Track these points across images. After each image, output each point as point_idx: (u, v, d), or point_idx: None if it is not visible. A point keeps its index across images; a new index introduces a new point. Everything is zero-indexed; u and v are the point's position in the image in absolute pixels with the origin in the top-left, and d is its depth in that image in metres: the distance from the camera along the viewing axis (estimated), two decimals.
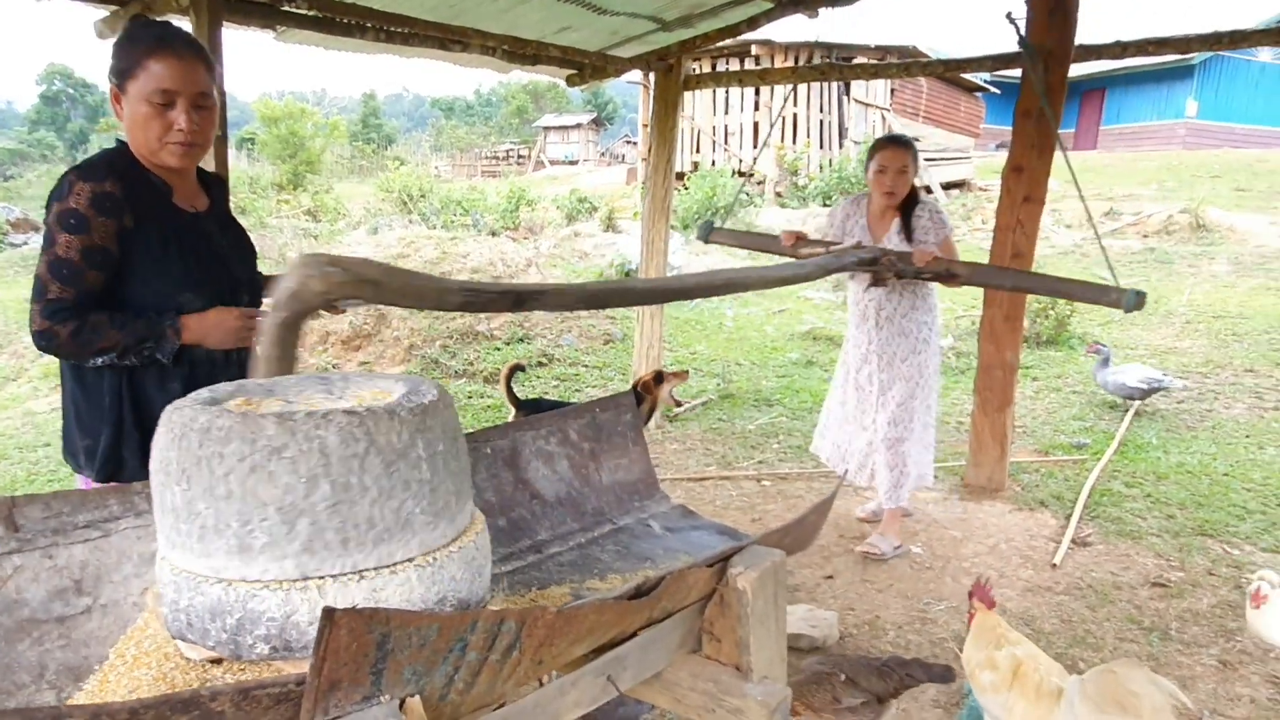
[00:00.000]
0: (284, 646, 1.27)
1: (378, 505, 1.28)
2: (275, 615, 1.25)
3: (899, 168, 3.35)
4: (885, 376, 3.52)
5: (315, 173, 18.62)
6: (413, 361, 6.08)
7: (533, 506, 2.35)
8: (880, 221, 3.47)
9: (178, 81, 1.73)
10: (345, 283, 1.53)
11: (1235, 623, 3.08)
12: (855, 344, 3.62)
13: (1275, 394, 5.87)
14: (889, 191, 3.38)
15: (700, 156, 15.13)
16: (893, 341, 3.50)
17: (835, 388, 3.82)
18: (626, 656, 1.67)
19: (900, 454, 3.53)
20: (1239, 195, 13.98)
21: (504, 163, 31.38)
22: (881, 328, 3.51)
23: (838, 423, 3.77)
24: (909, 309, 3.47)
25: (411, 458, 1.32)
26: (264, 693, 1.07)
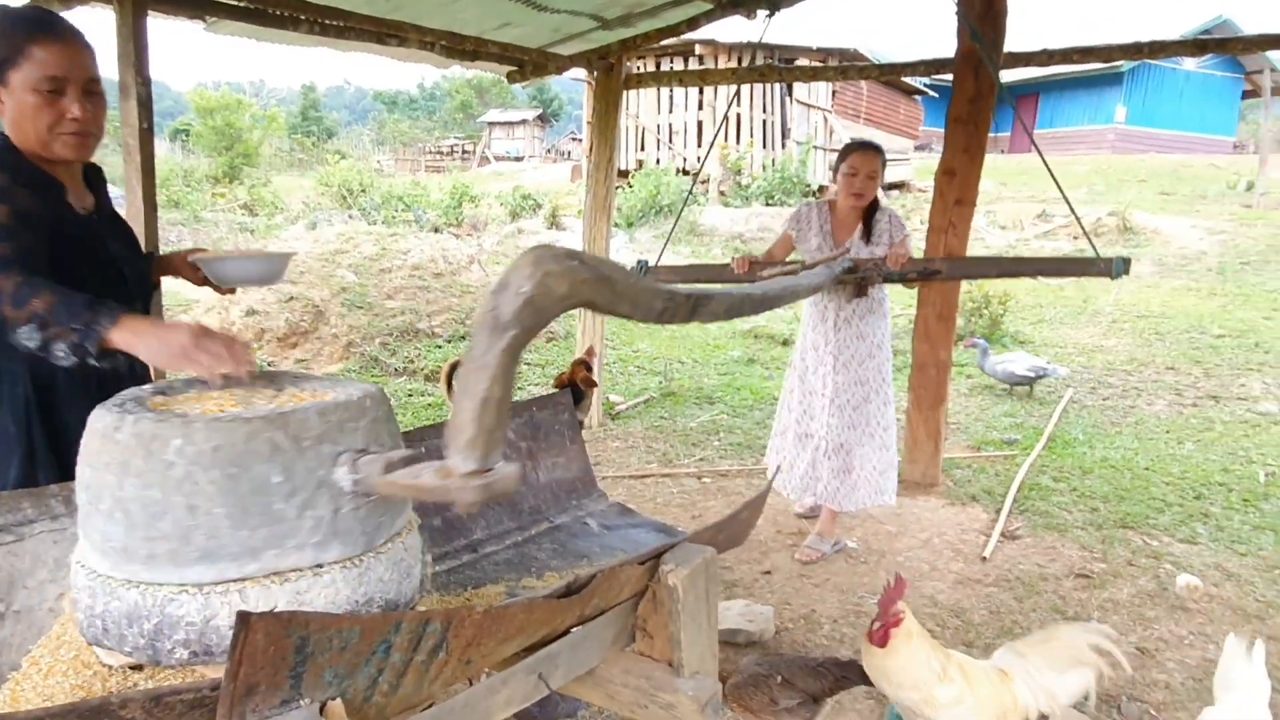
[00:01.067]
0: (204, 651, 1.25)
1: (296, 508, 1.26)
2: (194, 620, 1.23)
3: (869, 172, 3.38)
4: (840, 379, 3.51)
5: (253, 166, 18.20)
6: (351, 359, 5.99)
7: None
8: (844, 226, 3.49)
9: (67, 67, 1.63)
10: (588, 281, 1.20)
11: (1153, 611, 3.20)
12: (812, 345, 3.61)
13: (1194, 391, 6.11)
14: (858, 193, 3.40)
15: (644, 155, 15.17)
16: (850, 344, 3.51)
17: (784, 397, 3.80)
18: (558, 654, 1.67)
19: (850, 459, 3.53)
20: (1164, 199, 14.51)
21: (448, 158, 31.04)
22: (839, 329, 3.51)
23: (785, 440, 3.74)
24: (866, 312, 3.49)
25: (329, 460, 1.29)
26: (177, 699, 1.05)
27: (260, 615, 1.01)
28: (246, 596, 1.25)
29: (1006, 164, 19.24)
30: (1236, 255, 10.70)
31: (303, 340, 6.01)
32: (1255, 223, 12.05)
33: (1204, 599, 2.08)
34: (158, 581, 1.22)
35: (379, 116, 46.15)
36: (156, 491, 1.18)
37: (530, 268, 1.15)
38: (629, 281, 1.35)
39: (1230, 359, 6.87)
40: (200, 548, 1.20)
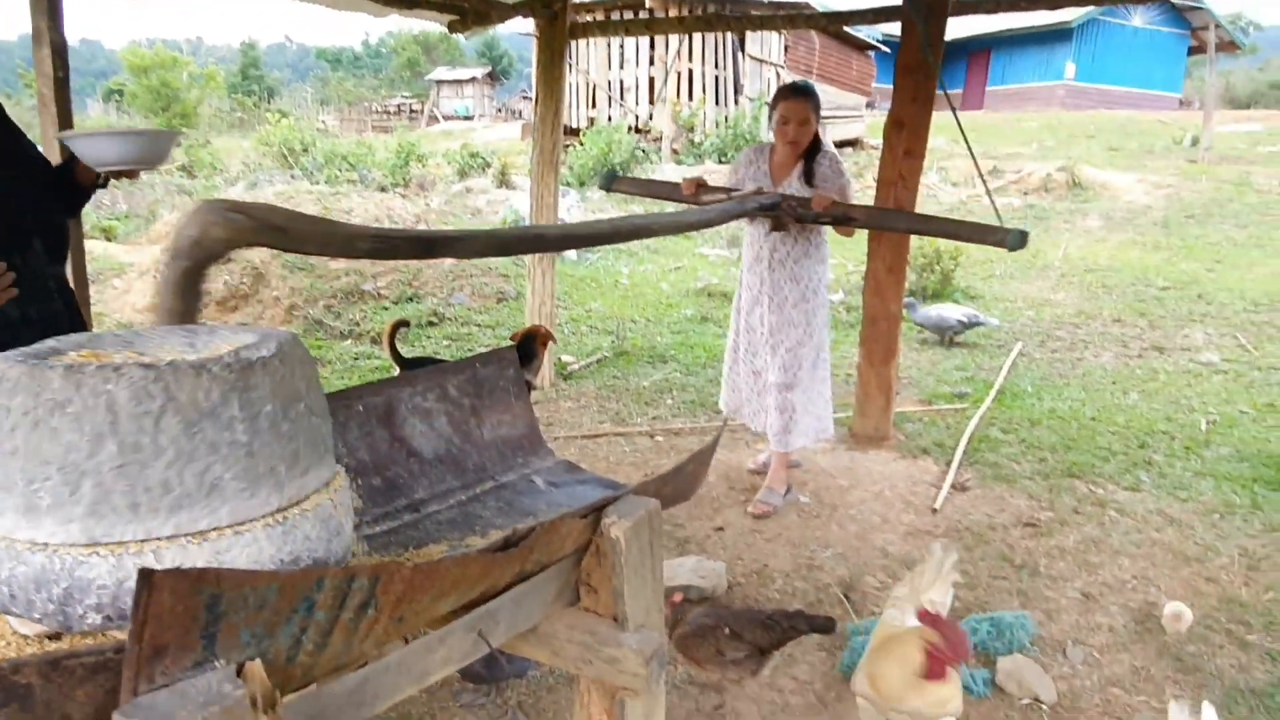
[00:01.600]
0: (119, 615, 1.18)
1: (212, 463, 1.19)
2: (107, 583, 1.15)
3: (801, 118, 3.37)
4: (775, 319, 3.54)
5: (191, 126, 17.59)
6: (294, 323, 5.81)
7: (410, 465, 2.27)
8: (782, 168, 3.50)
9: None
10: (249, 229, 1.46)
11: (1097, 557, 3.24)
12: (748, 285, 3.65)
13: (1139, 342, 6.21)
14: (792, 141, 3.41)
15: (596, 112, 14.93)
16: (784, 285, 3.52)
17: (730, 336, 3.84)
18: (499, 611, 1.62)
19: (789, 400, 3.57)
20: (1111, 154, 14.69)
21: (395, 117, 30.28)
22: (774, 270, 3.52)
23: (735, 373, 3.79)
24: (801, 255, 3.50)
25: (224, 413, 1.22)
26: (77, 662, 1.00)
27: (165, 572, 0.94)
28: (161, 557, 1.19)
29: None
30: (1181, 209, 10.88)
31: (243, 304, 5.82)
32: (1200, 177, 12.27)
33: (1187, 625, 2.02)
34: (66, 544, 1.15)
35: (322, 75, 44.88)
36: (61, 450, 1.10)
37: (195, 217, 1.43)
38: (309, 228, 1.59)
39: (1174, 310, 7.00)
40: (112, 507, 1.13)
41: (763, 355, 3.63)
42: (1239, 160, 13.71)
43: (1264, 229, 9.85)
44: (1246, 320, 6.65)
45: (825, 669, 2.62)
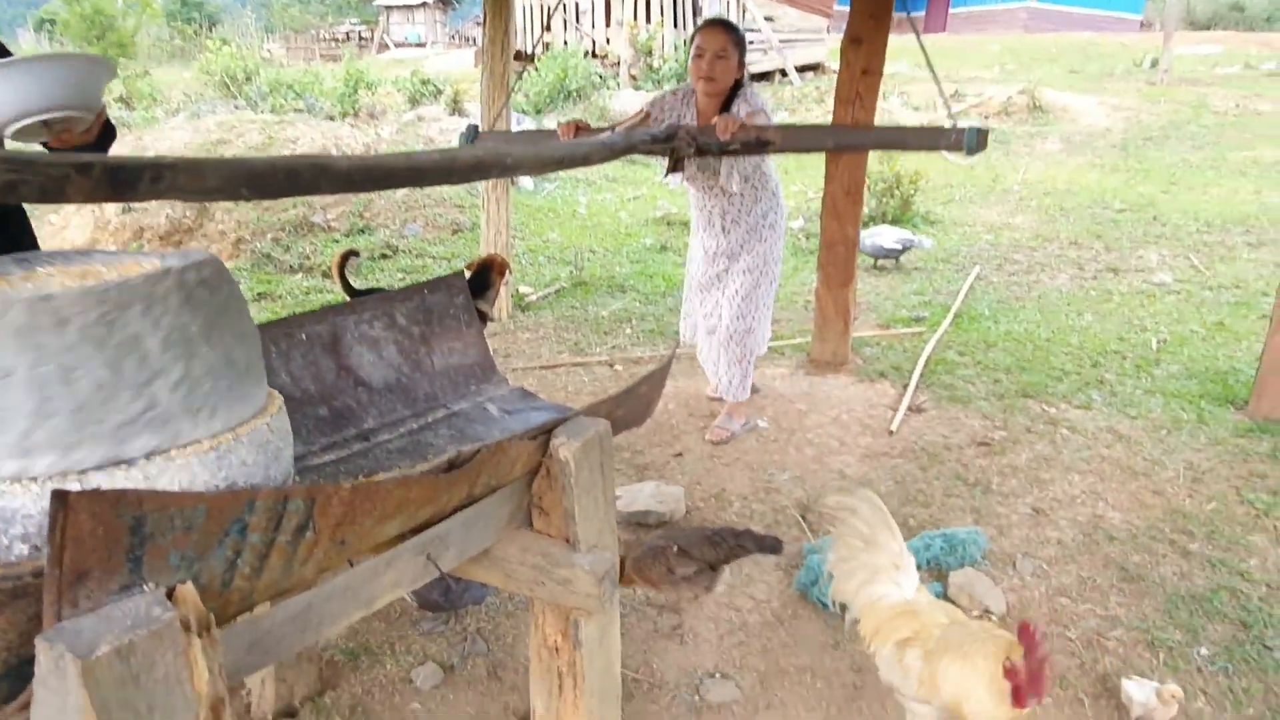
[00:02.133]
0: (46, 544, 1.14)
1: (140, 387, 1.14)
2: (32, 512, 1.11)
3: (717, 50, 3.11)
4: (732, 270, 3.49)
5: (129, 56, 16.82)
6: (242, 257, 5.65)
7: (358, 394, 2.22)
8: (705, 116, 3.24)
9: None
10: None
11: (1048, 474, 3.30)
12: (704, 247, 3.53)
13: (1095, 264, 6.27)
14: (707, 76, 3.14)
15: (551, 37, 14.50)
16: (742, 240, 3.43)
17: (686, 283, 3.78)
18: (448, 534, 1.60)
19: (747, 347, 3.52)
20: (1072, 77, 14.64)
21: (345, 45, 29.22)
22: (729, 232, 3.42)
23: (695, 321, 3.74)
24: (751, 204, 3.38)
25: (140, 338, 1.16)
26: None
27: (81, 494, 0.92)
28: (88, 484, 1.14)
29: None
30: (1140, 131, 10.91)
31: (187, 238, 5.63)
32: (1159, 99, 12.29)
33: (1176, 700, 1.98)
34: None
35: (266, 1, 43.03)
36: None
37: None
38: None
39: (1130, 232, 7.06)
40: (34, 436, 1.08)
41: (717, 313, 3.55)
42: (1197, 82, 13.74)
43: (1219, 150, 9.93)
44: (1199, 241, 6.73)
45: (782, 588, 2.65)
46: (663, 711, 2.16)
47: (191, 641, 1.04)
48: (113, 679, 0.94)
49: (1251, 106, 11.71)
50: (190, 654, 1.03)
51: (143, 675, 0.97)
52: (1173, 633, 2.41)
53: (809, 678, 2.28)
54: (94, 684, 0.92)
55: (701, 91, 3.22)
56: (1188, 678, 2.25)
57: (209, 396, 1.24)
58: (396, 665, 2.31)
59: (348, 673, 2.29)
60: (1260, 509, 3.02)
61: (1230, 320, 4.99)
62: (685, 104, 3.31)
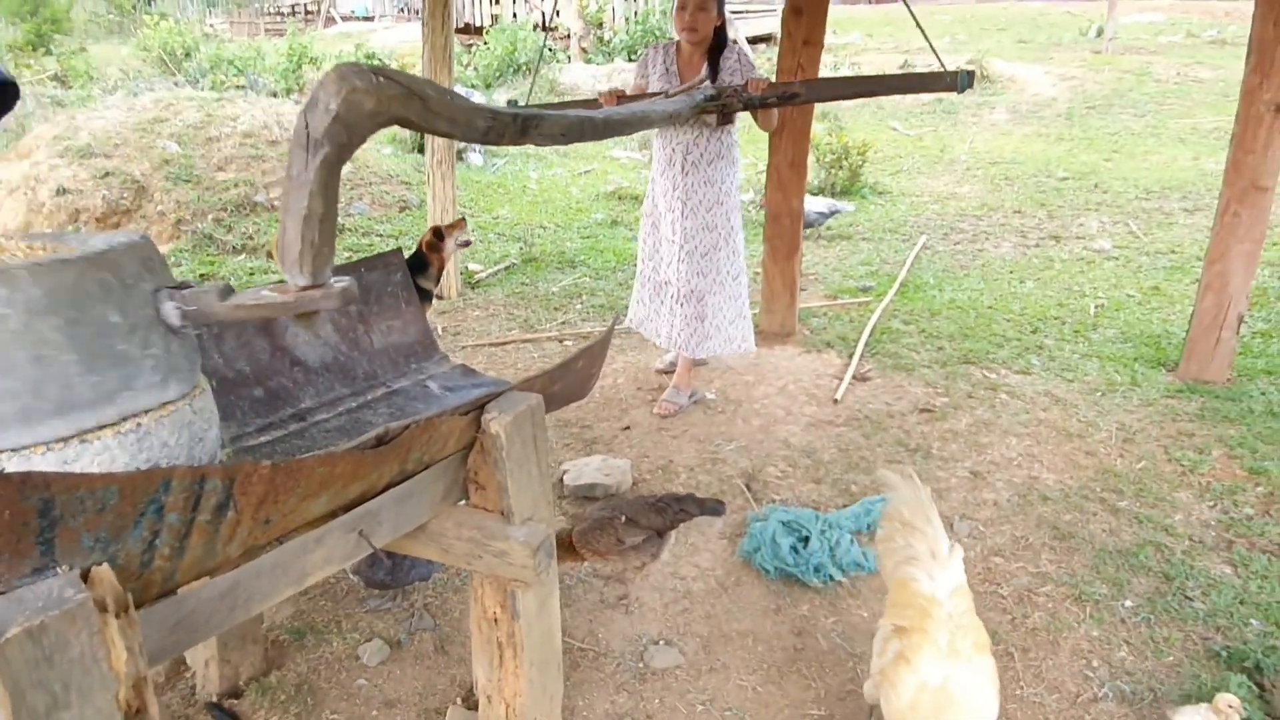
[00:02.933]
0: None
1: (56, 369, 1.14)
2: None
3: (697, 3, 3.26)
4: (689, 224, 3.47)
5: (63, 33, 16.22)
6: (182, 238, 5.53)
7: (294, 374, 2.21)
8: (690, 65, 3.39)
9: None
10: (398, 98, 1.25)
11: (987, 438, 3.38)
12: (661, 191, 3.55)
13: (1038, 232, 6.38)
14: (689, 28, 3.29)
15: (500, 9, 14.30)
16: (698, 189, 3.45)
17: (639, 244, 3.76)
18: (380, 510, 1.60)
19: (702, 306, 3.53)
20: (1020, 47, 14.79)
21: (290, 19, 28.49)
22: (688, 173, 3.44)
23: (642, 285, 3.73)
24: (714, 157, 3.43)
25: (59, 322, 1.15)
26: None
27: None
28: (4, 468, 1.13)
29: (872, 15, 19.17)
30: (1084, 100, 11.08)
31: (125, 220, 5.50)
32: (1103, 68, 12.46)
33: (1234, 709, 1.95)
34: None
35: None
36: None
37: (336, 84, 1.18)
38: (445, 99, 1.38)
39: (1072, 200, 7.19)
40: None
41: (672, 263, 3.54)
42: (1141, 50, 13.95)
43: (1160, 118, 10.13)
44: (1138, 208, 6.88)
45: (726, 556, 2.70)
46: (608, 679, 2.20)
47: (108, 622, 1.04)
48: (24, 659, 0.94)
49: (1192, 74, 11.94)
50: (107, 634, 1.03)
51: (56, 655, 0.97)
52: (1100, 587, 2.50)
53: (750, 642, 2.33)
54: (4, 664, 0.92)
55: (685, 41, 3.38)
56: (1112, 629, 2.34)
57: (126, 380, 1.23)
58: (343, 643, 2.32)
59: (294, 652, 2.29)
60: (1187, 466, 3.13)
61: (1165, 285, 5.13)
62: (665, 53, 3.46)
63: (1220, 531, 2.76)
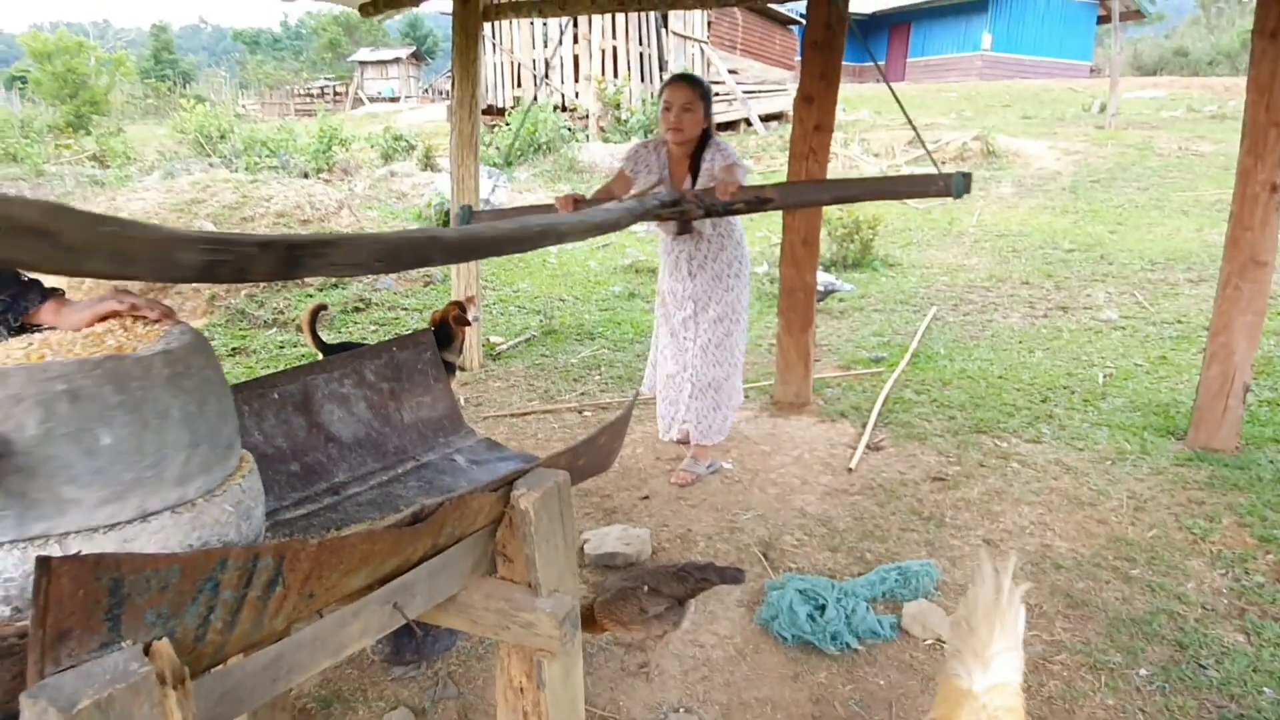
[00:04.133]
0: (29, 606, 1.22)
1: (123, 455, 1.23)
2: (14, 575, 1.19)
3: (683, 103, 3.28)
4: (700, 320, 3.57)
5: (101, 114, 16.93)
6: (216, 313, 5.73)
7: (329, 450, 2.31)
8: (679, 164, 3.43)
9: None
10: None
11: (999, 506, 3.44)
12: (671, 292, 3.62)
13: (1046, 303, 6.50)
14: (675, 127, 3.31)
15: (521, 91, 14.82)
16: (707, 287, 3.53)
17: (654, 333, 3.84)
18: (414, 583, 1.69)
19: (718, 396, 3.62)
20: (1025, 122, 15.14)
21: (319, 100, 29.56)
22: (695, 276, 3.53)
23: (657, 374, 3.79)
24: (718, 251, 3.50)
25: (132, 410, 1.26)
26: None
27: (64, 559, 0.99)
28: (68, 548, 1.22)
29: (881, 92, 19.67)
30: (1088, 174, 11.31)
31: (162, 295, 5.70)
32: (1106, 142, 12.74)
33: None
34: None
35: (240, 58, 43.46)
36: None
37: None
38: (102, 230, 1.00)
39: (1079, 271, 7.32)
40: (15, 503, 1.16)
41: (683, 357, 3.62)
42: (1143, 125, 14.27)
43: (1163, 191, 10.32)
44: (1144, 279, 7.00)
45: (744, 624, 2.75)
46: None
47: (167, 694, 1.12)
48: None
49: (1193, 148, 12.19)
50: (166, 706, 1.11)
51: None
52: (1114, 655, 2.54)
53: (769, 709, 2.37)
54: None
55: (671, 141, 3.40)
56: (1127, 697, 2.37)
57: (189, 461, 1.33)
58: (369, 711, 2.38)
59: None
60: (1198, 534, 3.18)
61: (1172, 354, 5.21)
62: (656, 153, 3.47)
63: (1232, 599, 2.80)
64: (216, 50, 69.85)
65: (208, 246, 1.10)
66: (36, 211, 0.90)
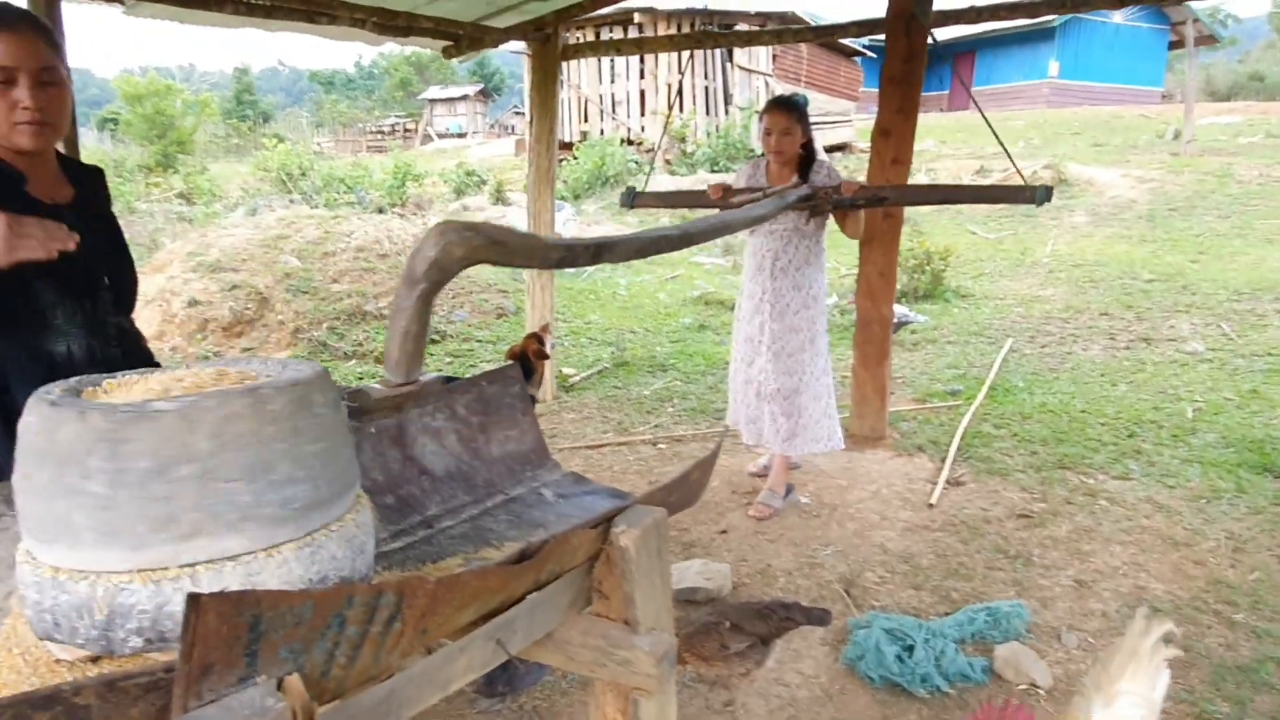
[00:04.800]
0: (159, 638, 1.26)
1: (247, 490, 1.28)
2: (147, 607, 1.22)
3: (782, 129, 3.49)
4: (777, 327, 3.62)
5: (187, 153, 17.68)
6: (299, 345, 5.92)
7: (422, 483, 2.35)
8: (779, 179, 3.61)
9: (16, 57, 1.63)
10: (482, 246, 1.63)
11: (1089, 546, 3.35)
12: (749, 294, 3.73)
13: (1127, 334, 6.33)
14: (776, 151, 3.53)
15: (588, 126, 15.07)
16: (786, 293, 3.61)
17: (733, 348, 3.91)
18: (516, 620, 1.71)
19: (795, 405, 3.65)
20: (1096, 150, 14.83)
21: (390, 137, 30.47)
22: (776, 278, 3.61)
23: (734, 386, 3.86)
24: (803, 263, 3.60)
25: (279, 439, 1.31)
26: (131, 683, 1.06)
27: (211, 596, 1.01)
28: (198, 580, 1.26)
29: (946, 122, 19.50)
30: (1165, 202, 11.01)
31: (248, 329, 5.93)
32: (1183, 170, 12.40)
33: None
34: (107, 570, 1.23)
35: (316, 98, 45.10)
36: (102, 481, 1.18)
37: (437, 237, 1.56)
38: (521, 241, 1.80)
39: (1160, 302, 7.12)
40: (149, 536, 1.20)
41: (760, 364, 3.69)
42: (1220, 152, 13.85)
43: (1245, 219, 9.99)
44: (1230, 309, 6.77)
45: (829, 663, 2.72)
46: None
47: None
48: None
49: (1275, 175, 11.78)
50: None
51: None
52: (1220, 705, 2.44)
53: None
54: None
55: (773, 161, 3.62)
56: None
57: (314, 496, 1.38)
58: None
59: None
60: None
61: (1264, 388, 5.02)
62: (758, 169, 3.73)
63: None
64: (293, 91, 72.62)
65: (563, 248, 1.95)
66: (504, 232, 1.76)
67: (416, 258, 1.57)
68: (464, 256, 1.60)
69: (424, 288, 1.61)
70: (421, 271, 1.58)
